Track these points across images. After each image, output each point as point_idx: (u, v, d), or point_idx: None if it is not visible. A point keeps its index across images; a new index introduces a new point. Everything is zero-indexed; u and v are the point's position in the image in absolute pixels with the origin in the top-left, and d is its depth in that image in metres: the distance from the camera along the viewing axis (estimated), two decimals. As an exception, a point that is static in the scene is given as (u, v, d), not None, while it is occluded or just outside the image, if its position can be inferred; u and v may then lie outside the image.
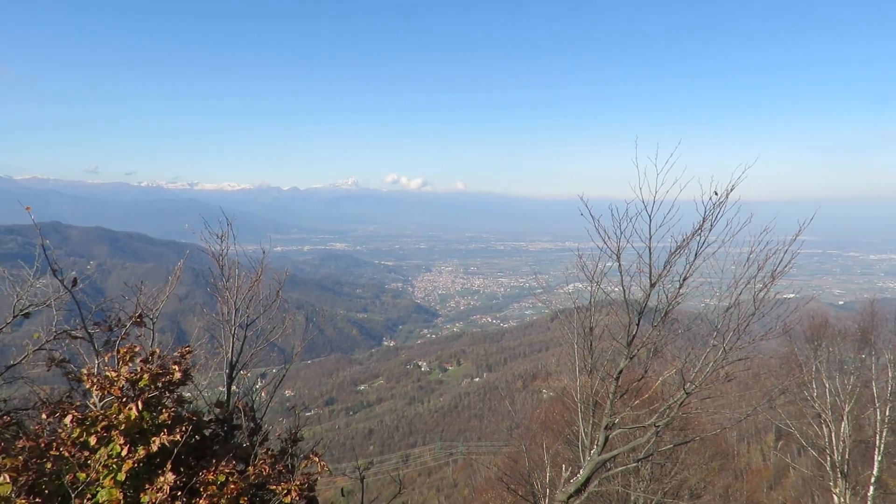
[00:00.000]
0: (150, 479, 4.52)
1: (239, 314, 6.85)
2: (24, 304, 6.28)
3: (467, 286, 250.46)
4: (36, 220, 6.18)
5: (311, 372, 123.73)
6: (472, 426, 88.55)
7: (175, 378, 4.90)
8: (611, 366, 8.00)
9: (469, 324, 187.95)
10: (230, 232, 6.76)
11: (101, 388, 4.72)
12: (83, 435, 4.55)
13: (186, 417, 4.99)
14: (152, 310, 6.37)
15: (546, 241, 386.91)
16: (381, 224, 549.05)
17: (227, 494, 4.56)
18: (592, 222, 7.12)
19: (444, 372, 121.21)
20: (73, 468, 4.47)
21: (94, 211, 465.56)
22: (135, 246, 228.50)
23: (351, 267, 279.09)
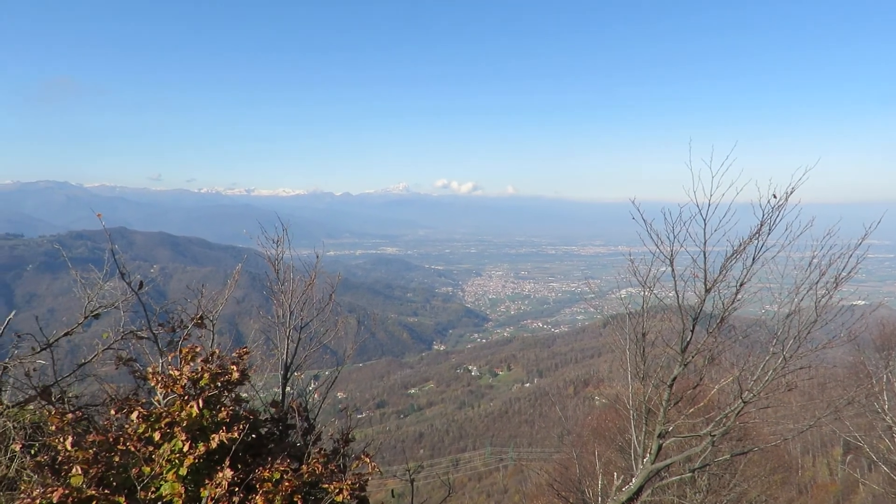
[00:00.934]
0: (209, 475, 4.69)
1: (294, 317, 7.05)
2: (94, 306, 6.63)
3: (518, 291, 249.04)
4: (104, 227, 6.52)
5: (363, 375, 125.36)
6: (523, 432, 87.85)
7: (233, 378, 5.08)
8: (664, 373, 7.84)
9: (519, 328, 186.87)
10: (285, 237, 6.98)
11: (164, 386, 4.94)
12: (148, 431, 4.76)
13: (244, 416, 5.16)
14: (212, 312, 6.63)
15: (598, 246, 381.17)
16: (431, 228, 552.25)
17: (282, 492, 4.68)
18: (645, 226, 7.01)
19: (495, 377, 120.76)
20: (139, 462, 4.70)
21: (157, 217, 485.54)
22: (194, 250, 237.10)
23: (402, 271, 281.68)
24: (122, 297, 6.68)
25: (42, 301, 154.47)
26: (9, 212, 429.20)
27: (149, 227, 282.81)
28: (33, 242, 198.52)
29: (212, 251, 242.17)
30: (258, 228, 7.70)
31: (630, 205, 6.99)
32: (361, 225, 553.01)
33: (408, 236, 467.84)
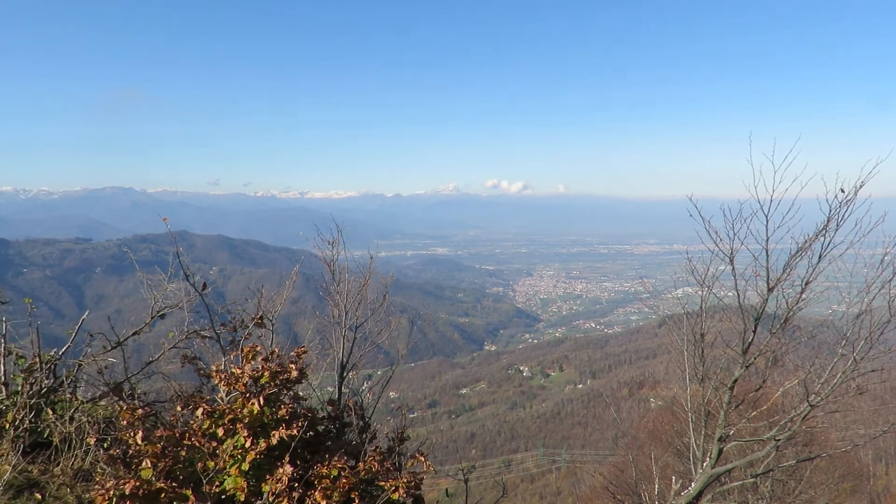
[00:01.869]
0: (270, 470, 4.82)
1: (349, 317, 7.18)
2: (160, 307, 6.92)
3: (569, 291, 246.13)
4: (170, 230, 6.80)
5: (415, 375, 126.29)
6: (576, 433, 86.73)
7: (292, 376, 5.21)
8: (724, 375, 7.60)
9: (571, 329, 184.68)
10: (340, 238, 7.11)
11: (227, 383, 5.11)
12: (212, 427, 4.94)
13: (302, 413, 5.28)
14: (271, 312, 6.83)
15: (652, 244, 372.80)
16: (481, 229, 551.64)
17: (340, 488, 4.78)
18: (703, 224, 6.82)
19: (547, 377, 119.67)
20: (204, 457, 4.87)
21: (216, 220, 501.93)
22: (251, 252, 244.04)
23: (452, 271, 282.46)
24: (186, 298, 6.95)
25: (110, 302, 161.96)
26: (79, 217, 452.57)
27: (208, 231, 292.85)
28: (101, 246, 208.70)
29: (268, 253, 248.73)
30: (312, 230, 7.87)
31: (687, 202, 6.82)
32: (412, 226, 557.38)
33: (458, 237, 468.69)
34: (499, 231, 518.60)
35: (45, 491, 5.50)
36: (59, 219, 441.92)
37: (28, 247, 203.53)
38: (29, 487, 5.51)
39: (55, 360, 6.33)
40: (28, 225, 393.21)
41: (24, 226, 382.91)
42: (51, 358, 6.29)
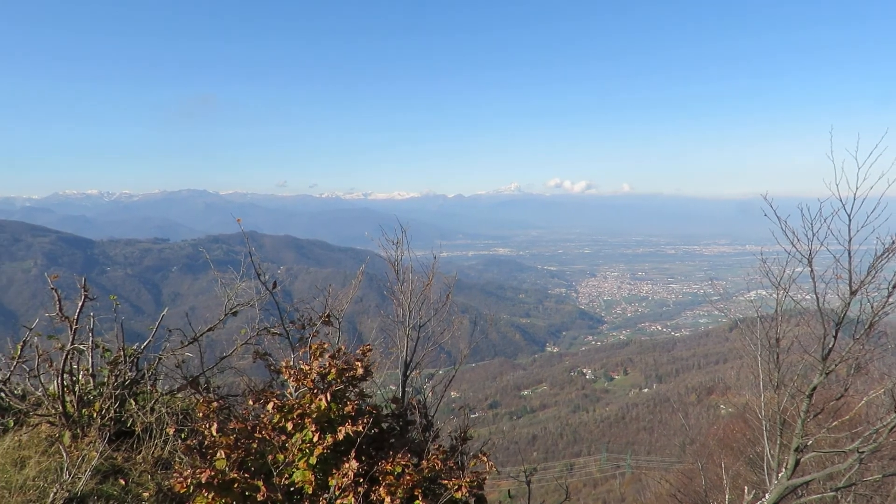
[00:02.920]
0: (336, 465, 4.95)
1: (412, 316, 7.27)
2: (232, 304, 7.20)
3: (634, 292, 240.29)
4: (239, 231, 7.08)
5: (476, 375, 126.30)
6: (641, 439, 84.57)
7: (357, 373, 5.33)
8: (802, 382, 7.25)
9: (636, 331, 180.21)
10: (404, 238, 7.21)
11: (296, 379, 5.27)
12: (282, 421, 5.11)
13: (367, 410, 5.39)
14: (338, 310, 7.00)
15: (723, 245, 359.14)
16: (543, 229, 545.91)
17: (403, 485, 4.85)
18: (778, 223, 6.52)
19: (610, 381, 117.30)
20: (274, 450, 5.05)
21: (283, 221, 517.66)
22: (317, 252, 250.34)
23: (514, 272, 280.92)
24: (257, 297, 7.22)
25: (185, 299, 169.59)
26: (157, 218, 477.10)
27: (276, 231, 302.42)
28: (177, 246, 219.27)
29: (332, 253, 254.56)
30: (375, 231, 8.01)
31: (761, 200, 6.53)
32: (473, 226, 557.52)
33: (520, 237, 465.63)
34: (561, 231, 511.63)
35: (128, 477, 5.83)
36: (139, 220, 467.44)
37: (111, 246, 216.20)
38: (114, 473, 5.85)
39: (137, 354, 6.69)
40: (111, 226, 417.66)
41: (108, 226, 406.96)
42: (134, 351, 6.65)
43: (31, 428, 6.42)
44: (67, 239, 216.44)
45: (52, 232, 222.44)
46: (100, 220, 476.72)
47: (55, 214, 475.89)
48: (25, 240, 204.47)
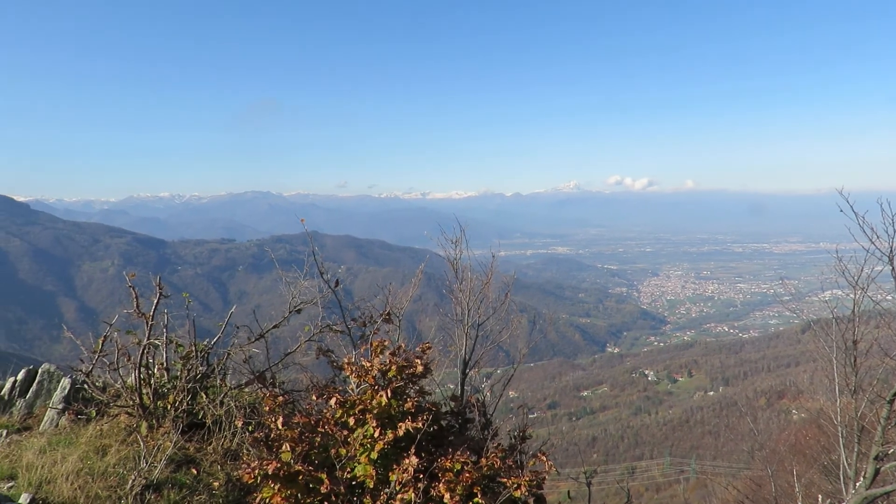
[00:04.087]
0: (396, 460, 5.03)
1: (471, 314, 7.29)
2: (296, 302, 7.42)
3: (699, 292, 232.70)
4: (301, 231, 7.29)
5: (534, 375, 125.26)
6: (706, 443, 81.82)
7: (417, 371, 5.40)
8: (882, 387, 6.87)
9: (701, 332, 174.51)
10: (463, 237, 7.25)
11: (358, 375, 5.39)
12: (344, 416, 5.24)
13: (427, 407, 5.45)
14: (398, 309, 7.11)
15: (794, 243, 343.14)
16: (603, 227, 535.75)
17: (463, 482, 4.88)
18: (855, 220, 6.20)
19: (674, 383, 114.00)
20: (337, 444, 5.18)
21: (344, 221, 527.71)
22: (376, 252, 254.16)
23: (573, 271, 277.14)
24: (320, 295, 7.41)
25: (250, 298, 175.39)
26: (224, 220, 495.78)
27: (336, 231, 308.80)
28: (243, 246, 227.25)
29: (391, 252, 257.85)
30: (433, 230, 8.08)
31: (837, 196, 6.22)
32: (532, 225, 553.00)
33: (579, 235, 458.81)
34: (622, 229, 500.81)
35: (199, 467, 6.10)
36: (208, 221, 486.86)
37: (181, 247, 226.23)
38: (186, 463, 6.14)
39: (208, 349, 6.99)
40: (182, 227, 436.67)
41: (179, 227, 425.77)
42: (204, 347, 6.96)
43: (112, 418, 6.80)
44: (142, 240, 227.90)
45: (128, 233, 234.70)
46: (171, 222, 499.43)
47: (130, 216, 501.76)
48: (104, 241, 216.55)
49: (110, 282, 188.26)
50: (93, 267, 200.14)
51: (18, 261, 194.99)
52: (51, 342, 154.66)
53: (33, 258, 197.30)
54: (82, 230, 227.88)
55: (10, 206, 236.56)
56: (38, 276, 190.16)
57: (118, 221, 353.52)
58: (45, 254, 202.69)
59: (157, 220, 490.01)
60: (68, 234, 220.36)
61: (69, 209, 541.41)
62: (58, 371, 7.94)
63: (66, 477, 5.21)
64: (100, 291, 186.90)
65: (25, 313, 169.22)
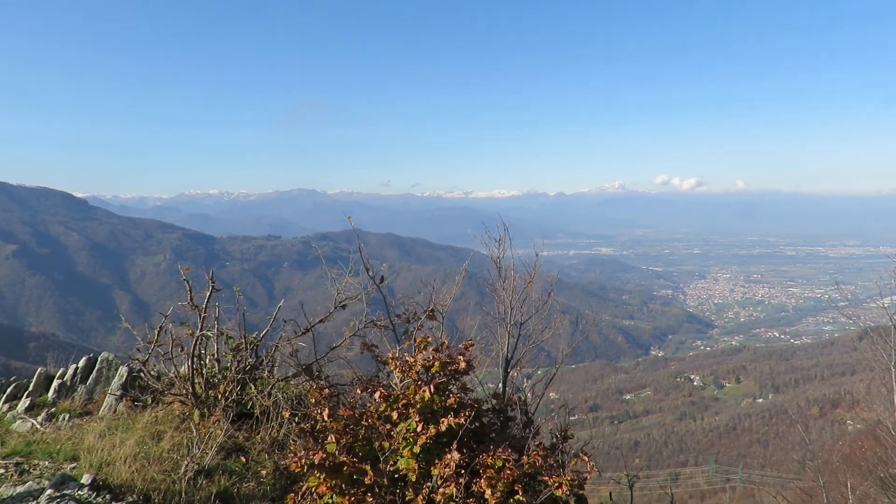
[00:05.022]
0: (438, 455, 5.10)
1: (513, 313, 7.31)
2: (341, 298, 7.58)
3: (749, 295, 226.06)
4: (345, 229, 7.45)
5: (575, 376, 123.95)
6: (754, 452, 79.56)
7: (460, 367, 5.46)
8: (943, 397, 6.60)
9: (750, 337, 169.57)
10: (507, 236, 7.27)
11: (401, 370, 5.49)
12: (387, 410, 5.33)
13: (469, 404, 5.51)
14: (441, 306, 7.18)
15: (851, 246, 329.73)
16: (649, 228, 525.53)
17: (504, 479, 4.92)
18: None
19: (721, 388, 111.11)
20: (380, 437, 5.28)
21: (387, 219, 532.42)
22: (418, 250, 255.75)
23: (617, 272, 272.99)
24: (364, 291, 7.56)
25: (295, 294, 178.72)
26: (270, 217, 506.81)
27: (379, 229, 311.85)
28: (288, 243, 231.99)
29: (433, 251, 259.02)
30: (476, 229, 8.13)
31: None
32: (575, 225, 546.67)
33: (623, 236, 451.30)
34: (668, 230, 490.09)
35: (248, 455, 6.31)
36: (255, 218, 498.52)
37: (229, 243, 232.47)
38: (236, 451, 6.36)
39: (257, 342, 7.22)
40: (230, 223, 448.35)
41: (227, 224, 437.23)
42: (253, 340, 7.18)
43: (166, 405, 7.09)
44: (192, 235, 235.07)
45: (179, 229, 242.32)
46: (220, 218, 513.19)
47: (181, 213, 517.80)
48: (156, 236, 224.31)
49: (162, 276, 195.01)
50: (146, 261, 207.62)
51: (76, 254, 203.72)
52: (105, 333, 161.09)
53: (90, 252, 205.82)
54: (136, 226, 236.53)
55: (69, 201, 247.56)
56: (95, 270, 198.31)
57: (170, 218, 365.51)
58: (102, 248, 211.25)
59: (206, 217, 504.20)
60: (123, 229, 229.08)
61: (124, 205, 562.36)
62: (116, 359, 8.32)
63: (125, 460, 5.47)
64: (152, 285, 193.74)
65: (83, 305, 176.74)
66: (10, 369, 66.00)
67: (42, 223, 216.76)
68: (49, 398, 7.95)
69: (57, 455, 6.02)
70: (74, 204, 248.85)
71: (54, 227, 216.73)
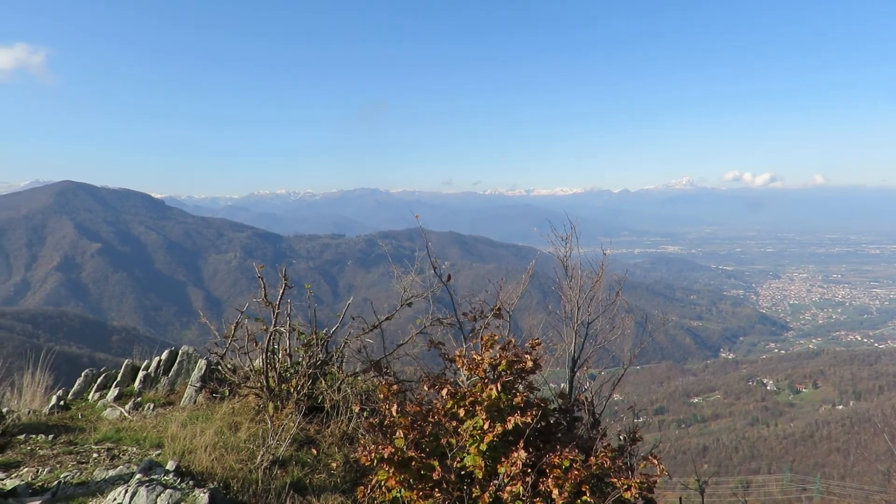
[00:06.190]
0: (505, 453, 5.11)
1: (581, 313, 7.24)
2: (408, 296, 7.71)
3: (827, 296, 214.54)
4: (406, 227, 7.57)
5: (641, 378, 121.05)
6: (833, 461, 75.47)
7: (527, 366, 5.45)
8: None
9: (829, 341, 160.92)
10: (574, 235, 7.21)
11: (468, 368, 5.53)
12: (454, 407, 5.38)
13: (535, 403, 5.50)
14: (508, 305, 7.20)
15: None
16: (718, 225, 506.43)
17: (571, 479, 4.88)
18: None
19: (796, 394, 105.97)
20: (447, 434, 5.35)
21: (448, 217, 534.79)
22: (479, 248, 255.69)
23: (684, 271, 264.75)
24: (429, 290, 7.66)
25: (358, 291, 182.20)
26: (335, 216, 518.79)
27: (440, 228, 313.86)
28: (352, 241, 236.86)
29: (495, 249, 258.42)
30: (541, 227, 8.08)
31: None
32: (640, 222, 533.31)
33: (691, 234, 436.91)
34: (739, 228, 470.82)
35: (319, 447, 6.51)
36: (320, 217, 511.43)
37: (296, 241, 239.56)
38: (307, 443, 6.57)
39: (327, 338, 7.43)
40: (296, 222, 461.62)
41: (294, 223, 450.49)
42: (324, 335, 7.40)
43: (242, 398, 7.41)
44: (261, 234, 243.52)
45: (249, 228, 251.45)
46: (287, 218, 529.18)
47: (251, 212, 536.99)
48: (227, 235, 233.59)
49: (233, 273, 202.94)
50: (217, 259, 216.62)
51: (155, 252, 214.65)
52: (181, 327, 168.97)
53: (167, 250, 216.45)
54: (209, 225, 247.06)
55: (149, 202, 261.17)
56: (171, 267, 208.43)
57: (240, 217, 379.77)
58: (177, 246, 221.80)
59: (274, 216, 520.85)
60: (197, 228, 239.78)
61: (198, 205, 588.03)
62: (195, 353, 8.75)
63: (205, 448, 5.75)
64: (223, 282, 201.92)
65: (160, 300, 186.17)
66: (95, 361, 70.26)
67: (124, 223, 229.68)
68: (135, 388, 8.45)
69: (143, 442, 6.40)
70: (153, 204, 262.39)
71: (135, 226, 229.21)
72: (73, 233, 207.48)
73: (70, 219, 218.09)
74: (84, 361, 68.85)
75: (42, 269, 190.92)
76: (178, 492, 4.70)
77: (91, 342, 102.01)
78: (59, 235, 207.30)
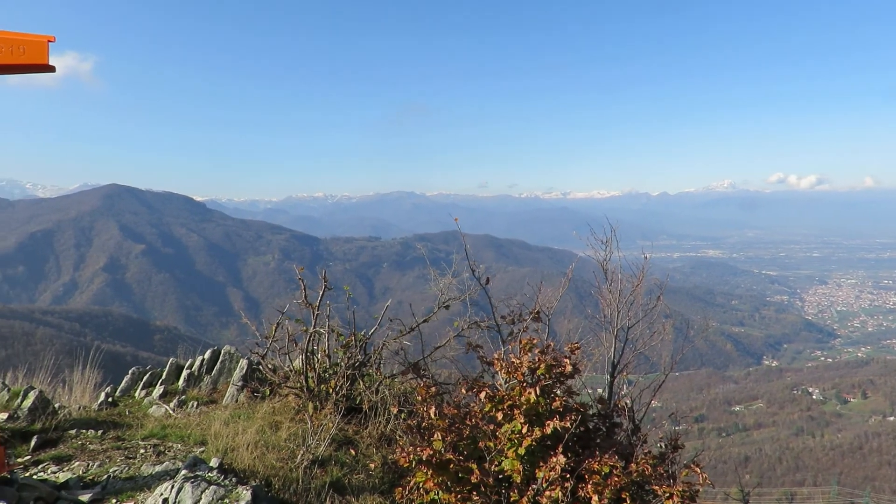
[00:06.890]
0: (543, 458, 5.07)
1: (620, 317, 7.15)
2: (445, 299, 7.73)
3: (878, 303, 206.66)
4: (442, 230, 7.58)
5: (679, 385, 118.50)
6: (884, 475, 72.65)
7: (566, 370, 5.41)
8: None
9: (880, 349, 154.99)
10: (614, 238, 7.13)
11: (507, 371, 5.51)
12: (492, 410, 5.37)
13: (574, 408, 5.44)
14: (546, 308, 7.15)
15: None
16: (761, 229, 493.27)
17: (611, 486, 4.82)
18: None
19: (844, 404, 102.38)
20: (485, 437, 5.33)
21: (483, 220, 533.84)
22: (515, 252, 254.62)
23: (725, 276, 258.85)
24: (467, 293, 7.67)
25: (393, 294, 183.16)
26: (371, 218, 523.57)
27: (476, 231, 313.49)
28: (387, 244, 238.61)
29: (530, 252, 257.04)
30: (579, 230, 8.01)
31: None
32: (679, 226, 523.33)
33: (733, 238, 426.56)
34: (784, 232, 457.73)
35: (357, 448, 6.57)
36: (356, 220, 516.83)
37: (333, 243, 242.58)
38: (346, 443, 6.64)
39: (365, 340, 7.51)
40: (333, 225, 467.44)
41: (331, 225, 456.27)
42: (362, 337, 7.48)
43: (282, 397, 7.53)
44: (298, 237, 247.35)
45: (287, 230, 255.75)
46: (324, 220, 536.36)
47: (289, 215, 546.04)
48: (266, 237, 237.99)
49: (271, 274, 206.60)
50: (256, 261, 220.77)
51: (196, 254, 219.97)
52: (220, 328, 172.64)
53: (208, 252, 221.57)
54: (248, 227, 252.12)
55: (191, 205, 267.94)
56: (212, 268, 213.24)
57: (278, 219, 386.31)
58: (218, 248, 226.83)
59: (311, 219, 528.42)
60: (236, 230, 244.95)
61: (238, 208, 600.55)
62: (237, 352, 8.94)
63: (247, 447, 5.87)
64: (262, 283, 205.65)
65: (201, 301, 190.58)
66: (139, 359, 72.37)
67: (166, 225, 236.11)
68: (179, 386, 8.67)
69: (188, 439, 6.56)
70: (194, 207, 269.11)
71: (177, 228, 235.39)
72: (119, 234, 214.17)
73: (116, 221, 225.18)
74: (128, 360, 70.94)
75: (89, 269, 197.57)
76: (221, 488, 4.80)
77: (134, 341, 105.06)
78: (106, 237, 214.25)
